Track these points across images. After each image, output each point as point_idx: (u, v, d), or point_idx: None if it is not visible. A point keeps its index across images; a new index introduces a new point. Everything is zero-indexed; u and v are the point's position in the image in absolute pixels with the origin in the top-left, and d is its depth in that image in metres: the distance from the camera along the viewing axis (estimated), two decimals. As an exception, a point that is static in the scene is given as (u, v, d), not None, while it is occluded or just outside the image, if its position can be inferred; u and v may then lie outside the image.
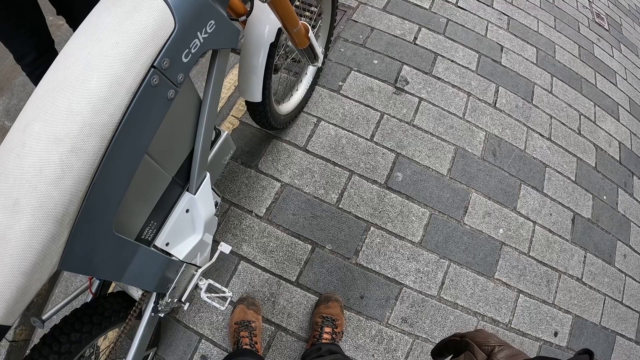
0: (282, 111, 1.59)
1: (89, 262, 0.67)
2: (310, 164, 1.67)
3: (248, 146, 1.68)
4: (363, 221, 1.59)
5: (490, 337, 0.43)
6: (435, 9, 2.29)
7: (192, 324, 1.37)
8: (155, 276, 0.90)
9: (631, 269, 1.84)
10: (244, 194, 1.58)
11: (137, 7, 0.61)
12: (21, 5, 1.20)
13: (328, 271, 1.49)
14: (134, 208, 0.80)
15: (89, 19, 0.64)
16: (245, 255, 1.48)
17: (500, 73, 2.14)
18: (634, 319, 1.74)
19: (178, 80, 0.69)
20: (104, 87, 0.57)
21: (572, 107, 2.18)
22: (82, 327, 0.84)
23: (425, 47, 2.10)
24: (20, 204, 0.53)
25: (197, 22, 0.69)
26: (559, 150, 1.99)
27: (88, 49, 0.59)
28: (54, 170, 0.54)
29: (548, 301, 1.62)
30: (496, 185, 1.78)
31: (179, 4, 0.64)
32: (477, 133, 1.89)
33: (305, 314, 1.42)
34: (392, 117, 1.84)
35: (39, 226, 0.54)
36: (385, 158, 1.73)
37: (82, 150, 0.56)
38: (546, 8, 2.65)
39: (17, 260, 0.53)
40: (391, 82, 1.94)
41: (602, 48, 2.64)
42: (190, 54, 0.70)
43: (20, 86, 1.95)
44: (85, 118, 0.56)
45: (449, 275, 1.56)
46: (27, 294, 0.56)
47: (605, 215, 1.91)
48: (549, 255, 1.71)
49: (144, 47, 0.61)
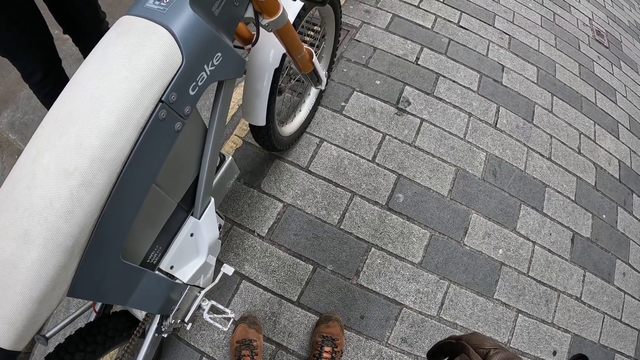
0: (285, 132, 1.61)
1: (96, 288, 0.68)
2: (312, 185, 1.70)
3: (251, 166, 1.71)
4: (364, 242, 1.61)
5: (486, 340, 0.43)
6: (437, 29, 2.32)
7: (194, 342, 1.39)
8: (160, 299, 0.91)
9: (630, 287, 1.84)
10: (247, 213, 1.61)
11: (145, 42, 0.62)
12: (29, 23, 1.20)
13: (329, 291, 1.51)
14: (140, 234, 0.81)
15: (97, 50, 0.64)
16: (247, 275, 1.50)
17: (501, 93, 2.16)
18: (633, 336, 1.75)
19: (185, 112, 0.70)
20: (113, 122, 0.58)
21: (572, 126, 2.20)
22: (86, 347, 0.85)
23: (427, 68, 2.13)
24: (30, 234, 0.54)
25: (204, 56, 0.70)
26: (558, 169, 2.01)
27: (96, 82, 0.60)
28: (64, 204, 0.55)
29: (547, 320, 1.63)
30: (496, 205, 1.80)
31: (186, 38, 0.65)
32: (477, 154, 1.91)
33: (306, 333, 1.44)
34: (393, 138, 1.87)
35: (49, 256, 0.55)
36: (386, 179, 1.76)
37: (92, 184, 0.57)
38: (547, 27, 2.68)
39: (28, 289, 0.54)
40: (393, 103, 1.97)
41: (602, 66, 2.66)
42: (197, 86, 0.70)
43: (25, 99, 1.96)
44: (95, 152, 0.56)
45: (449, 295, 1.57)
46: (37, 321, 0.57)
47: (604, 234, 1.92)
48: (548, 275, 1.72)
49: (153, 83, 0.61)
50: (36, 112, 1.91)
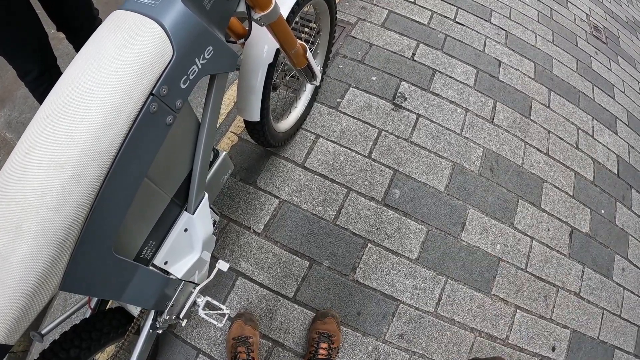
0: (281, 128, 1.61)
1: (89, 283, 0.68)
2: (308, 181, 1.69)
3: (247, 162, 1.71)
4: (360, 238, 1.60)
5: None
6: (433, 25, 2.31)
7: (190, 339, 1.39)
8: (154, 294, 0.91)
9: (630, 283, 1.84)
10: (243, 210, 1.60)
11: (136, 35, 0.63)
12: (24, 22, 1.21)
13: (325, 287, 1.50)
14: (133, 229, 0.81)
15: (89, 44, 0.65)
16: (243, 271, 1.50)
17: (498, 88, 2.16)
18: (632, 332, 1.74)
19: (176, 106, 0.70)
20: (104, 114, 0.58)
21: (570, 122, 2.20)
22: (81, 343, 0.86)
23: (424, 63, 2.13)
24: (22, 228, 0.54)
25: (195, 49, 0.70)
26: (556, 165, 2.00)
27: (88, 75, 0.60)
28: (55, 197, 0.55)
29: (545, 316, 1.63)
30: (493, 201, 1.79)
31: (177, 32, 0.66)
32: (474, 149, 1.90)
33: (302, 330, 1.44)
34: (390, 133, 1.86)
35: (40, 250, 0.55)
36: (382, 175, 1.75)
37: (83, 176, 0.57)
38: (544, 22, 2.67)
39: (19, 283, 0.54)
40: (389, 99, 1.97)
41: (599, 61, 2.66)
42: (189, 80, 0.71)
43: (22, 98, 1.97)
44: (86, 145, 0.57)
45: (446, 291, 1.57)
46: (29, 315, 0.57)
47: (603, 229, 1.91)
48: (547, 271, 1.71)
49: (143, 75, 0.62)
50: (33, 111, 1.91)
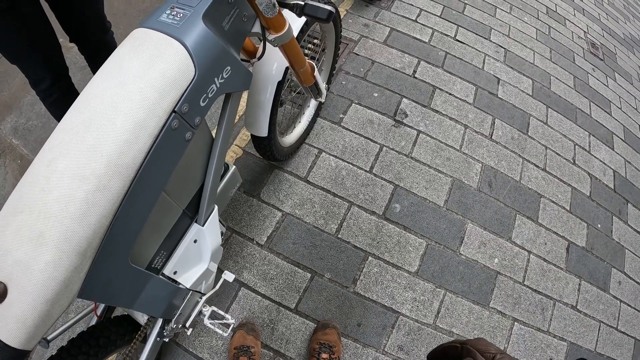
0: (285, 143, 1.65)
1: (105, 291, 0.70)
2: (310, 195, 1.73)
3: (251, 175, 1.75)
4: (361, 251, 1.64)
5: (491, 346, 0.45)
6: (434, 43, 2.37)
7: (192, 348, 1.40)
8: (164, 303, 0.93)
9: (626, 296, 1.86)
10: (246, 222, 1.64)
11: (161, 55, 0.65)
12: (37, 30, 1.22)
13: (326, 299, 1.53)
14: (147, 239, 0.83)
15: (111, 60, 0.67)
16: (246, 282, 1.53)
17: (496, 105, 2.21)
18: (629, 344, 1.76)
19: (195, 123, 0.73)
20: (129, 130, 0.60)
21: (567, 138, 2.24)
22: (89, 349, 0.86)
23: (424, 80, 2.18)
24: (45, 236, 0.55)
25: (215, 69, 0.73)
26: (553, 180, 2.04)
27: (112, 92, 0.62)
28: (79, 207, 0.57)
29: (543, 329, 1.65)
30: (492, 215, 1.83)
31: (199, 52, 0.68)
32: (473, 165, 1.95)
33: (303, 340, 1.46)
34: (391, 149, 1.91)
35: (63, 259, 0.56)
36: (383, 189, 1.79)
37: (107, 189, 0.59)
38: (542, 40, 2.73)
39: (40, 290, 0.55)
40: (391, 115, 2.02)
41: (597, 78, 2.71)
42: (208, 98, 0.74)
43: (29, 105, 1.99)
44: (111, 159, 0.59)
45: (445, 304, 1.60)
46: (48, 321, 0.58)
47: (599, 243, 1.94)
48: (544, 284, 1.74)
49: (166, 93, 0.64)
50: (39, 118, 1.94)
